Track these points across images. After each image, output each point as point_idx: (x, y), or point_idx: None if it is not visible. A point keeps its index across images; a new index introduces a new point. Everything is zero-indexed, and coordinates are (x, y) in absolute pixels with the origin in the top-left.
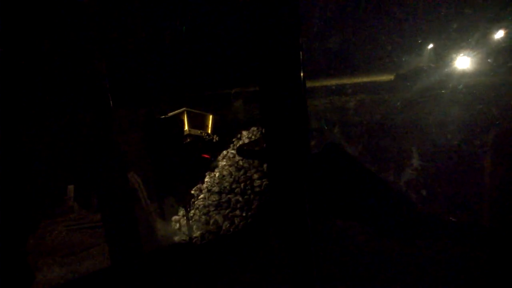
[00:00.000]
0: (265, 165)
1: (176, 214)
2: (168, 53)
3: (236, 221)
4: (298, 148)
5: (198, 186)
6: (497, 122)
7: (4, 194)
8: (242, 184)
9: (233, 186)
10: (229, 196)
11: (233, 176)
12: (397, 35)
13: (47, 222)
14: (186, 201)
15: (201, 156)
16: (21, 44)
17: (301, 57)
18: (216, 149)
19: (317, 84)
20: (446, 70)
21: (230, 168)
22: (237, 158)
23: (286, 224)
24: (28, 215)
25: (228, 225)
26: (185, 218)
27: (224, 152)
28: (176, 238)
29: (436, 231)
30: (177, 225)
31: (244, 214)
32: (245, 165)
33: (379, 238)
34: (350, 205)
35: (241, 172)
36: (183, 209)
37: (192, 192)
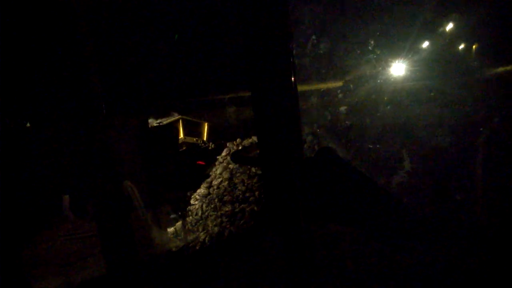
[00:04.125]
0: None
1: (173, 222)
2: (162, 61)
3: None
4: (291, 152)
5: (207, 195)
6: (481, 129)
7: None
8: (256, 193)
9: (247, 195)
10: (242, 205)
11: (245, 184)
12: (386, 40)
13: (42, 232)
14: (182, 209)
15: (196, 163)
16: (13, 51)
17: (292, 62)
18: (212, 156)
19: (308, 88)
20: (430, 73)
21: (242, 176)
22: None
23: (281, 227)
24: (23, 225)
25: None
26: (181, 225)
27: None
28: (173, 246)
29: (428, 233)
30: (174, 233)
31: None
32: (259, 172)
33: (372, 241)
34: (343, 208)
35: (255, 180)
36: (180, 217)
37: (196, 202)
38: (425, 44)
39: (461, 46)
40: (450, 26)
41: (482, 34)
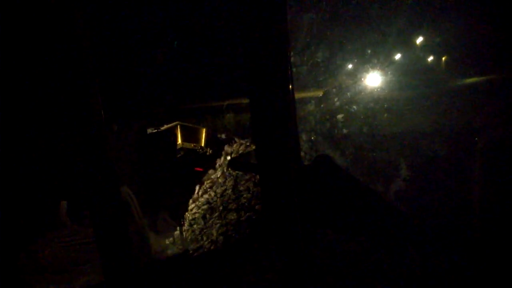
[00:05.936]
0: None
1: (170, 228)
2: (161, 68)
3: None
4: (289, 160)
5: (210, 203)
6: (476, 138)
7: None
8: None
9: (253, 203)
10: (248, 214)
11: (251, 192)
12: (383, 48)
13: (39, 238)
14: (180, 215)
15: (194, 169)
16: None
17: (290, 70)
18: (210, 162)
19: (306, 95)
20: (427, 81)
21: (248, 183)
22: None
23: (279, 234)
24: (20, 231)
25: None
26: (179, 232)
27: None
28: (171, 253)
29: (424, 241)
30: (173, 240)
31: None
32: None
33: (369, 247)
34: (341, 216)
35: None
36: (178, 224)
37: (199, 210)
38: (422, 53)
39: (459, 55)
40: (448, 35)
41: (480, 43)
